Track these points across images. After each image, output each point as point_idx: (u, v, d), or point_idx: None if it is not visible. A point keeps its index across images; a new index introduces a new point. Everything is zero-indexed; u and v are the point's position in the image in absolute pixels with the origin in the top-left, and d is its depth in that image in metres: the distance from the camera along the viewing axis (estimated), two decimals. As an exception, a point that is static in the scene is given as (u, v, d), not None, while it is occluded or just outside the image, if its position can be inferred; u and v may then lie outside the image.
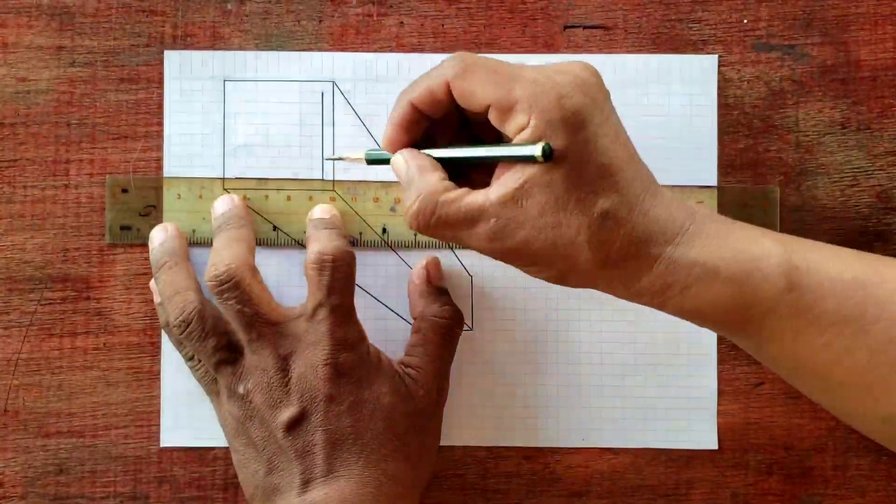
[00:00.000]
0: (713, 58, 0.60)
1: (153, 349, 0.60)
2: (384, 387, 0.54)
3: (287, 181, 0.60)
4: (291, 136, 0.60)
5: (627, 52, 0.60)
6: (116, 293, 0.60)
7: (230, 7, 0.60)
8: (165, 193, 0.59)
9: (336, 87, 0.60)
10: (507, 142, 0.49)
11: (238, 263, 0.54)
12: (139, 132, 0.60)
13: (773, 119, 0.60)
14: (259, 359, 0.53)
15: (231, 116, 0.60)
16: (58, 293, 0.60)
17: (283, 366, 0.53)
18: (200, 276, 0.56)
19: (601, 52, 0.60)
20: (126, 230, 0.60)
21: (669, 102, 0.60)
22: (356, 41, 0.60)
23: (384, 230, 0.59)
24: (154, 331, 0.60)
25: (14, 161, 0.60)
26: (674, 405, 0.60)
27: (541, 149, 0.46)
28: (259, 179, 0.60)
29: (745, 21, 0.60)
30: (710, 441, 0.60)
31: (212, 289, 0.54)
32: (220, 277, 0.53)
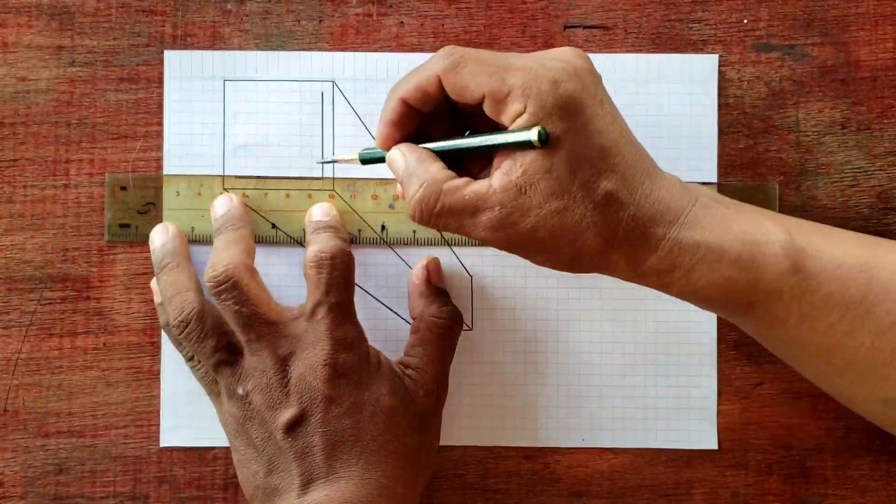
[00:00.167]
0: (713, 58, 0.59)
1: (153, 349, 0.60)
2: (384, 388, 0.54)
3: (286, 179, 0.60)
4: (291, 136, 0.60)
5: (627, 52, 0.60)
6: (116, 293, 0.60)
7: (230, 7, 0.60)
8: (164, 191, 0.59)
9: (336, 87, 0.60)
10: (504, 131, 0.49)
11: (236, 264, 0.54)
12: (139, 132, 0.60)
13: (773, 119, 0.60)
14: (258, 360, 0.53)
15: (231, 116, 0.60)
16: (58, 293, 0.60)
17: (283, 367, 0.53)
18: (201, 276, 0.56)
19: (601, 52, 0.60)
20: (125, 228, 0.60)
21: (669, 102, 0.60)
22: (356, 41, 0.60)
23: (383, 227, 0.59)
24: (154, 331, 0.60)
25: (14, 161, 0.60)
26: (674, 405, 0.60)
27: (537, 133, 0.47)
28: (258, 178, 0.60)
29: (745, 21, 0.60)
30: (710, 441, 0.60)
31: (210, 289, 0.53)
32: (218, 278, 0.53)
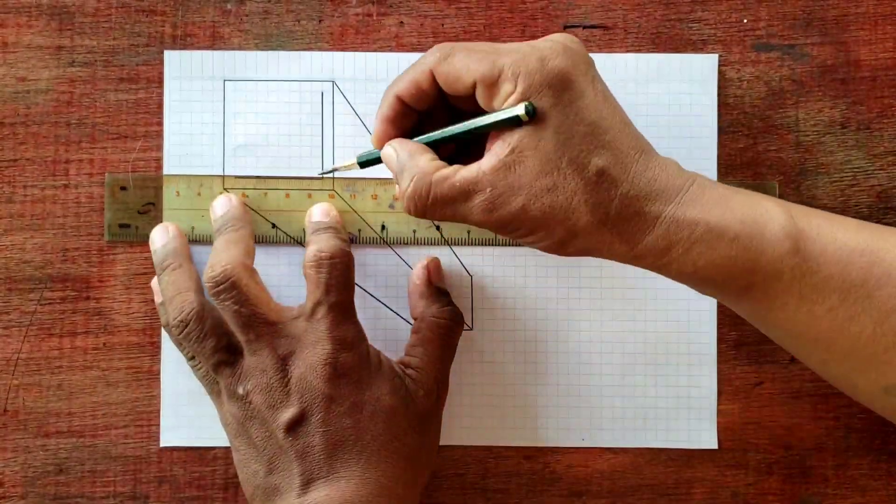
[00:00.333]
0: (713, 57, 0.59)
1: (153, 349, 0.60)
2: (384, 388, 0.54)
3: (286, 179, 0.60)
4: (291, 136, 0.60)
5: (627, 52, 0.60)
6: (116, 293, 0.60)
7: (230, 7, 0.60)
8: (164, 191, 0.59)
9: (336, 87, 0.60)
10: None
11: (235, 264, 0.54)
12: (139, 132, 0.60)
13: (773, 119, 0.60)
14: (258, 360, 0.53)
15: (231, 116, 0.60)
16: (57, 293, 0.60)
17: (283, 366, 0.53)
18: (201, 276, 0.56)
19: (601, 52, 0.60)
20: (125, 228, 0.60)
21: (669, 102, 0.59)
22: (356, 41, 0.60)
23: (383, 227, 0.59)
24: (154, 331, 0.60)
25: (14, 161, 0.60)
26: (674, 405, 0.60)
27: (524, 107, 0.47)
28: (258, 178, 0.60)
29: (745, 21, 0.60)
30: (710, 441, 0.60)
31: (209, 290, 0.53)
32: (217, 278, 0.53)
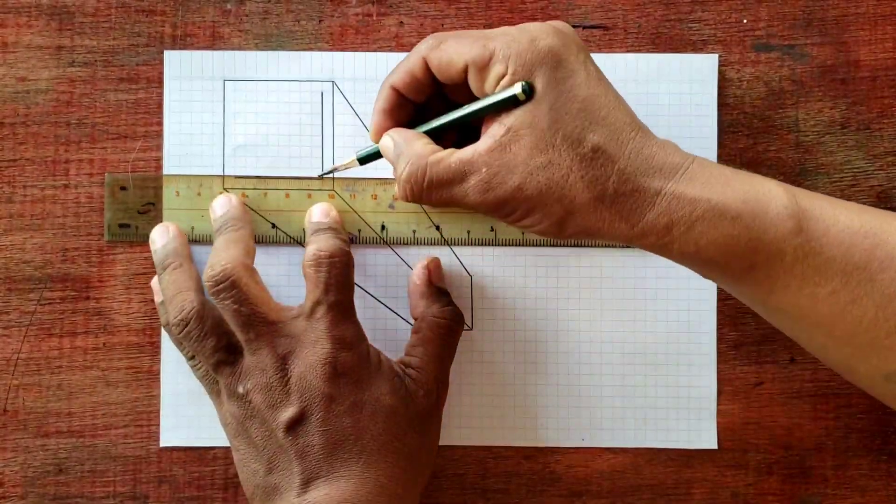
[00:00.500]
0: (713, 57, 0.59)
1: (153, 349, 0.60)
2: (384, 387, 0.54)
3: (286, 179, 0.60)
4: (291, 136, 0.60)
5: (627, 52, 0.60)
6: (116, 293, 0.60)
7: (230, 7, 0.60)
8: (164, 191, 0.59)
9: (336, 87, 0.60)
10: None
11: (234, 264, 0.54)
12: (139, 132, 0.60)
13: (773, 119, 0.60)
14: (258, 359, 0.53)
15: (231, 116, 0.60)
16: (57, 293, 0.60)
17: (282, 366, 0.53)
18: (201, 275, 0.56)
19: (601, 52, 0.60)
20: (125, 228, 0.60)
21: (669, 102, 0.59)
22: (356, 41, 0.60)
23: (383, 227, 0.59)
24: (154, 331, 0.60)
25: (14, 161, 0.60)
26: (674, 405, 0.60)
27: (520, 87, 0.47)
28: (258, 178, 0.60)
29: (745, 21, 0.60)
30: (710, 441, 0.60)
31: (209, 289, 0.53)
32: (217, 278, 0.53)
